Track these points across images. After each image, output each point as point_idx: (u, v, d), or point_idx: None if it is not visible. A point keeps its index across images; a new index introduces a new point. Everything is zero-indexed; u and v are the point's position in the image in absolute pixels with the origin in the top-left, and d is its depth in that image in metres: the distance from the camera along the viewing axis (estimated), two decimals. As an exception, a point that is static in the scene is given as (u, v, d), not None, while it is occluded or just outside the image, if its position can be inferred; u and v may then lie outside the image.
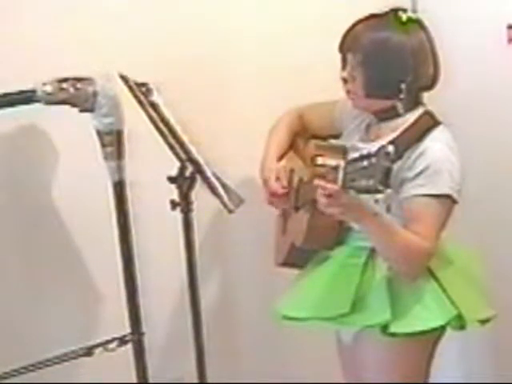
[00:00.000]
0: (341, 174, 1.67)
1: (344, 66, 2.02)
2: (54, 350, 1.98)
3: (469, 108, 2.60)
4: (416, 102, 2.01)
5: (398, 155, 1.73)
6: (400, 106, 1.98)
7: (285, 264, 2.22)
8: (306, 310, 1.99)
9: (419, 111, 2.00)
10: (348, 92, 2.04)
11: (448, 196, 1.90)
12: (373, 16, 1.99)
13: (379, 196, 1.76)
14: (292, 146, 2.27)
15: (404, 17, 1.96)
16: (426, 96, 2.06)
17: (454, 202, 1.92)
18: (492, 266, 2.13)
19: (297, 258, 2.15)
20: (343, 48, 2.01)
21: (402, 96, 1.96)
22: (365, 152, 1.64)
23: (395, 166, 1.64)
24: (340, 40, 2.01)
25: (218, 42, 2.39)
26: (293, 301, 2.07)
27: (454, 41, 2.55)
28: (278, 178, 2.18)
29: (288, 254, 2.17)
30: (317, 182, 1.73)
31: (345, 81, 2.02)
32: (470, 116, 2.58)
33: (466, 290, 2.01)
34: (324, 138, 2.20)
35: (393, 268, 1.94)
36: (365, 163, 1.61)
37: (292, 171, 2.19)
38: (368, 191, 1.65)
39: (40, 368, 1.94)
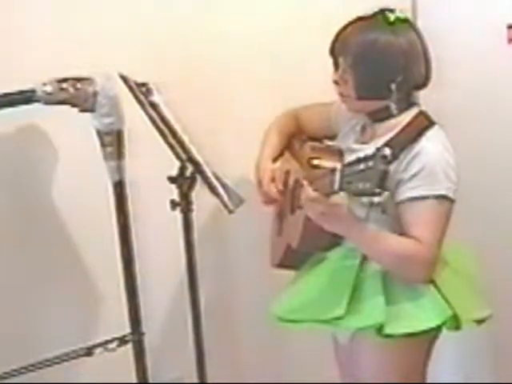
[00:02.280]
0: (337, 177, 1.67)
1: (336, 69, 2.02)
2: (54, 350, 1.98)
3: (469, 108, 2.60)
4: (410, 103, 2.01)
5: (394, 156, 1.73)
6: (393, 107, 1.97)
7: (281, 265, 2.22)
8: (301, 313, 1.99)
9: (413, 111, 2.00)
10: (341, 94, 2.04)
11: (445, 196, 1.90)
12: (361, 18, 1.98)
13: (376, 199, 1.76)
14: (287, 147, 2.26)
15: (392, 17, 1.95)
16: (425, 96, 2.06)
17: (451, 202, 1.92)
18: (490, 266, 2.13)
19: (293, 259, 2.15)
20: (334, 51, 2.01)
21: (393, 96, 1.96)
22: (361, 155, 1.64)
23: (391, 167, 1.64)
24: (330, 44, 2.01)
25: (218, 42, 2.38)
26: (288, 303, 2.06)
27: (454, 40, 2.56)
28: (273, 180, 2.18)
29: (284, 256, 2.17)
30: (304, 183, 1.74)
31: (337, 83, 2.02)
32: (470, 116, 2.59)
33: (462, 289, 2.01)
34: (320, 140, 2.20)
35: (397, 276, 1.94)
36: (361, 166, 1.61)
37: (288, 173, 2.19)
38: (365, 194, 1.65)
39: (40, 368, 1.94)
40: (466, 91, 2.61)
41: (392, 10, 1.97)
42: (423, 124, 1.96)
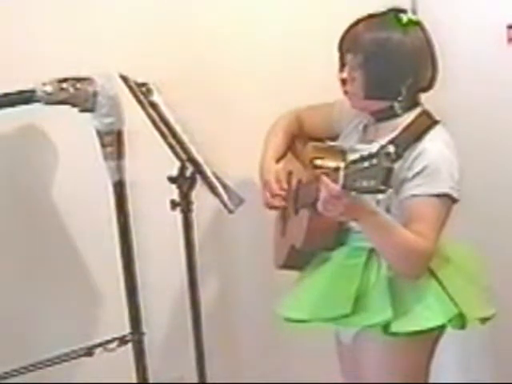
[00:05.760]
0: (342, 176, 1.67)
1: (342, 66, 2.01)
2: (54, 350, 1.98)
3: (469, 108, 2.60)
4: (414, 103, 2.01)
5: (398, 155, 1.73)
6: (398, 107, 1.98)
7: (285, 266, 2.21)
8: (306, 312, 1.99)
9: (417, 111, 2.00)
10: (346, 92, 2.03)
11: (447, 195, 1.90)
12: (372, 16, 1.98)
13: (380, 196, 1.76)
14: (290, 147, 2.26)
15: (405, 18, 1.95)
16: (426, 96, 2.06)
17: (454, 201, 1.93)
18: (491, 266, 2.13)
19: (297, 259, 2.15)
20: (342, 48, 2.00)
21: (401, 98, 1.96)
22: (365, 153, 1.64)
23: (395, 166, 1.63)
24: (339, 39, 2.00)
25: (218, 42, 2.39)
26: (293, 302, 2.06)
27: (454, 41, 2.55)
28: (277, 181, 2.17)
29: (288, 256, 2.17)
30: (323, 179, 1.72)
31: (343, 81, 2.02)
32: (470, 116, 2.58)
33: (466, 288, 2.01)
34: (321, 140, 2.19)
35: (393, 268, 1.94)
36: (365, 164, 1.61)
37: (290, 173, 2.19)
38: (370, 192, 1.64)
39: (40, 368, 1.94)
40: (465, 91, 2.61)
41: (404, 11, 1.97)
42: (426, 123, 1.97)
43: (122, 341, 2.00)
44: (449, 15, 2.63)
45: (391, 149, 1.60)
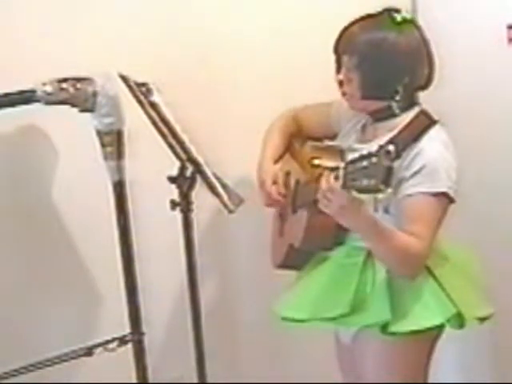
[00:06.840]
0: (341, 175, 1.67)
1: (339, 68, 2.01)
2: (54, 350, 1.98)
3: (469, 108, 2.60)
4: (412, 102, 2.01)
5: (397, 155, 1.73)
6: (396, 106, 1.98)
7: (283, 266, 2.21)
8: (305, 311, 1.99)
9: (415, 111, 2.00)
10: (343, 93, 2.03)
11: (445, 194, 1.90)
12: (367, 16, 1.98)
13: (380, 196, 1.76)
14: (288, 148, 2.26)
15: (399, 17, 1.95)
16: (426, 96, 2.06)
17: (451, 200, 1.93)
18: (490, 266, 2.14)
19: (295, 259, 2.15)
20: (338, 50, 2.00)
21: (398, 97, 1.96)
22: (365, 152, 1.64)
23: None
24: (334, 41, 2.00)
25: (218, 42, 2.39)
26: (292, 302, 2.06)
27: (454, 41, 2.56)
28: (275, 182, 2.17)
29: (286, 256, 2.17)
30: (326, 173, 1.72)
31: (340, 83, 2.02)
32: (470, 116, 2.58)
33: (465, 288, 2.01)
34: (319, 140, 2.19)
35: (389, 270, 1.94)
36: (365, 163, 1.61)
37: (288, 173, 2.19)
38: (369, 191, 1.64)
39: (40, 368, 1.94)
40: (465, 91, 2.61)
41: (397, 10, 1.97)
42: (425, 123, 1.96)
43: (122, 341, 2.00)
44: (449, 15, 2.63)
45: (391, 148, 1.60)
